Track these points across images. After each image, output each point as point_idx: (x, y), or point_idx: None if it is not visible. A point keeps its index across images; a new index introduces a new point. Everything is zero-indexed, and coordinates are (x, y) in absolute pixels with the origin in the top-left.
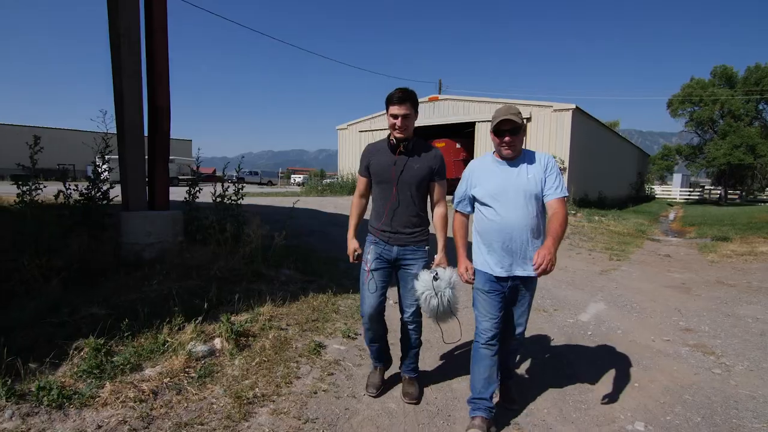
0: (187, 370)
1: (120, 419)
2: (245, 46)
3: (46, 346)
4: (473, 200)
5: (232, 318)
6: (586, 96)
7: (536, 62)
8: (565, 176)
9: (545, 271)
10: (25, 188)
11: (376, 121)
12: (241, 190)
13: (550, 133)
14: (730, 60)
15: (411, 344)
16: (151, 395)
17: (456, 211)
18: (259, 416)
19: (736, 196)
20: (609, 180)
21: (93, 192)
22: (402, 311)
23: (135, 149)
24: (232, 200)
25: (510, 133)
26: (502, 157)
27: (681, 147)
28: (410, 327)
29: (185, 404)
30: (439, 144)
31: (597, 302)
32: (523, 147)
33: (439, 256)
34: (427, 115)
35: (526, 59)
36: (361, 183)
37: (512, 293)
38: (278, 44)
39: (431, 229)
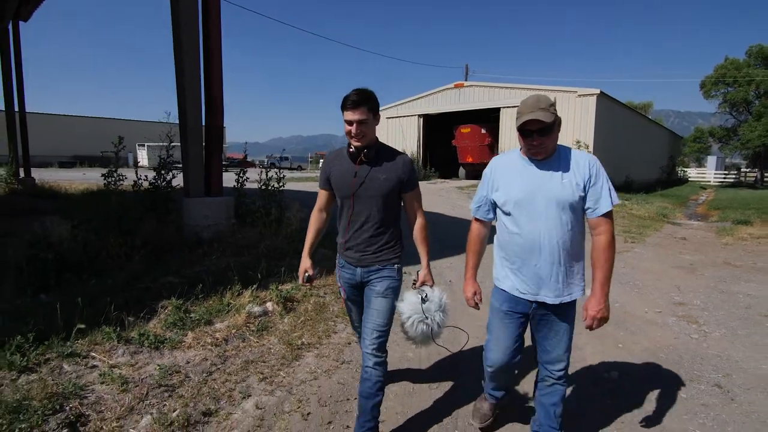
0: (247, 324)
1: (202, 357)
2: (275, 34)
3: (138, 305)
4: (495, 205)
5: (280, 287)
6: (617, 78)
7: (566, 45)
8: None
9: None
10: (110, 179)
11: (401, 108)
12: (283, 179)
13: (574, 118)
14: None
15: (370, 391)
16: (223, 341)
17: (474, 218)
18: (307, 358)
19: None
20: (636, 163)
21: (159, 182)
22: (362, 339)
23: (195, 145)
24: (274, 187)
25: (539, 134)
26: (532, 157)
27: (714, 129)
28: (370, 363)
29: (250, 348)
30: (465, 129)
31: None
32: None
33: (422, 274)
34: (454, 102)
35: (556, 42)
36: (322, 196)
37: (541, 321)
38: (305, 33)
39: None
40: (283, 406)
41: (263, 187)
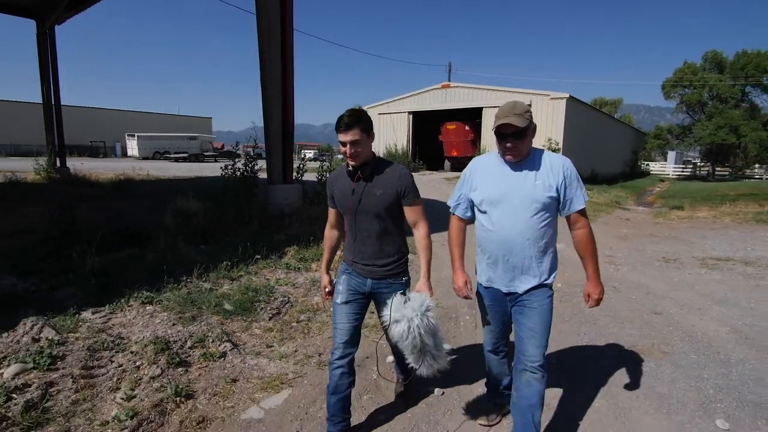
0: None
1: None
2: (244, 25)
3: (272, 250)
4: (473, 204)
5: None
6: (589, 79)
7: (544, 43)
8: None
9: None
10: (227, 170)
11: (392, 105)
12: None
13: (547, 119)
14: (724, 45)
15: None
16: (334, 268)
17: (453, 214)
18: None
19: (727, 173)
20: (601, 158)
21: (246, 173)
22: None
23: (276, 148)
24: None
25: (513, 137)
26: (506, 159)
27: (672, 127)
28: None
29: None
30: (450, 126)
31: (558, 243)
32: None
33: (420, 283)
34: (440, 101)
35: (535, 39)
36: (332, 214)
37: (517, 311)
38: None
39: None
40: None
41: (320, 178)
